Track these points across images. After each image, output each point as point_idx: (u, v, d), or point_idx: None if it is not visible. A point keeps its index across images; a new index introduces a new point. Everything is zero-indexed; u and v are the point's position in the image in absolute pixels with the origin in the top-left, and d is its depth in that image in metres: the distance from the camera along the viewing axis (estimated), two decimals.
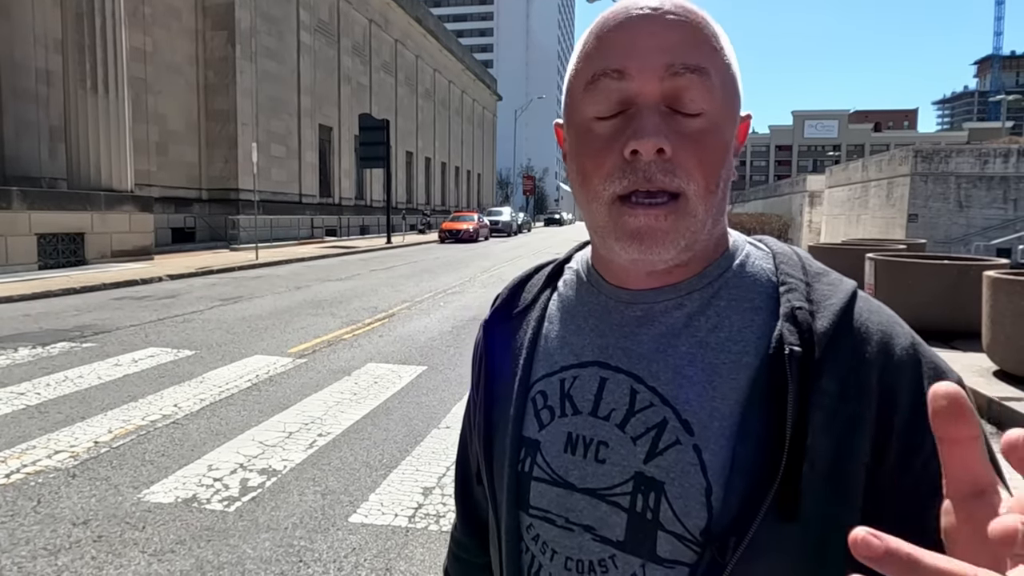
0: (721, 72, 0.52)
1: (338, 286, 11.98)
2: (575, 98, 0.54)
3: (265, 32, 23.75)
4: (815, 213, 23.67)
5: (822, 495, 0.49)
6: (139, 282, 11.57)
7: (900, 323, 0.55)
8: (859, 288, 0.56)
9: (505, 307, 0.68)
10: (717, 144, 0.52)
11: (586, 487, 0.56)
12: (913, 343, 0.53)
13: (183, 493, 3.25)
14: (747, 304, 0.55)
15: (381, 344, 6.92)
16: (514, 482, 0.60)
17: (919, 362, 0.52)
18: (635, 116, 0.50)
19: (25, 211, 12.30)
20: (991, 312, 5.40)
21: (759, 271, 0.57)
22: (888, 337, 0.52)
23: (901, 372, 0.51)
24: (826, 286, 0.55)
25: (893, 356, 0.52)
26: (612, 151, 0.51)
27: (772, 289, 0.55)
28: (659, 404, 0.54)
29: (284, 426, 4.27)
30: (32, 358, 5.95)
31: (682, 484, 0.52)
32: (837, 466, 0.49)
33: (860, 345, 0.52)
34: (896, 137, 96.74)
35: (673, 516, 0.52)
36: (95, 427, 4.16)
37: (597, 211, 0.53)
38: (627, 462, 0.54)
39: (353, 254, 20.29)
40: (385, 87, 36.21)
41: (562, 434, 0.58)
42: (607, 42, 0.52)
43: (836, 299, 0.53)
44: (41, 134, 15.01)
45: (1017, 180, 14.93)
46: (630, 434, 0.54)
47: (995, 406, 4.65)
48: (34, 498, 3.16)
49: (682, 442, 0.52)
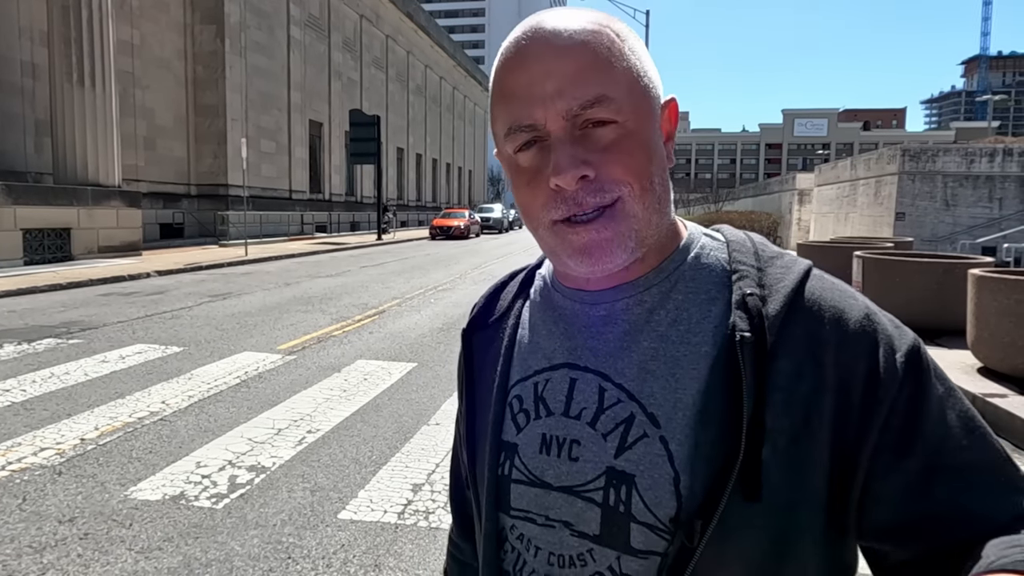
0: (624, 82, 0.54)
1: (328, 282, 11.94)
2: (498, 137, 0.58)
3: (255, 26, 23.56)
4: (804, 211, 23.83)
5: (787, 475, 0.51)
6: (126, 278, 11.47)
7: (854, 296, 0.56)
8: (814, 268, 0.58)
9: (482, 316, 0.71)
10: (636, 146, 0.54)
11: (562, 485, 0.57)
12: (867, 314, 0.54)
13: (171, 490, 3.23)
14: (703, 295, 0.57)
15: (371, 341, 6.90)
16: (494, 485, 0.62)
17: (874, 331, 0.54)
18: (552, 149, 0.53)
19: (10, 206, 12.15)
20: (975, 310, 5.47)
21: (714, 261, 0.59)
22: (840, 312, 0.54)
23: (857, 345, 0.53)
24: (778, 269, 0.56)
25: (847, 331, 0.53)
26: (540, 183, 0.54)
27: (727, 278, 0.57)
28: (626, 400, 0.56)
29: (273, 423, 4.25)
30: (17, 354, 5.89)
31: (651, 476, 0.53)
32: (800, 445, 0.51)
33: (814, 324, 0.53)
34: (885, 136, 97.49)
35: (644, 507, 0.53)
36: (81, 424, 4.13)
37: (544, 236, 0.57)
38: (599, 458, 0.56)
39: (343, 250, 20.21)
40: (376, 83, 36.03)
41: (537, 436, 0.60)
42: (510, 90, 0.55)
43: (787, 282, 0.55)
44: (27, 128, 14.83)
45: (1002, 179, 15.10)
46: (600, 431, 0.56)
47: (979, 403, 4.71)
48: (19, 496, 3.13)
49: (649, 435, 0.54)
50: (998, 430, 4.39)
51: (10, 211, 12.14)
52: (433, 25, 46.21)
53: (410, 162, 42.49)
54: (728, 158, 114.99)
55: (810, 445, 0.51)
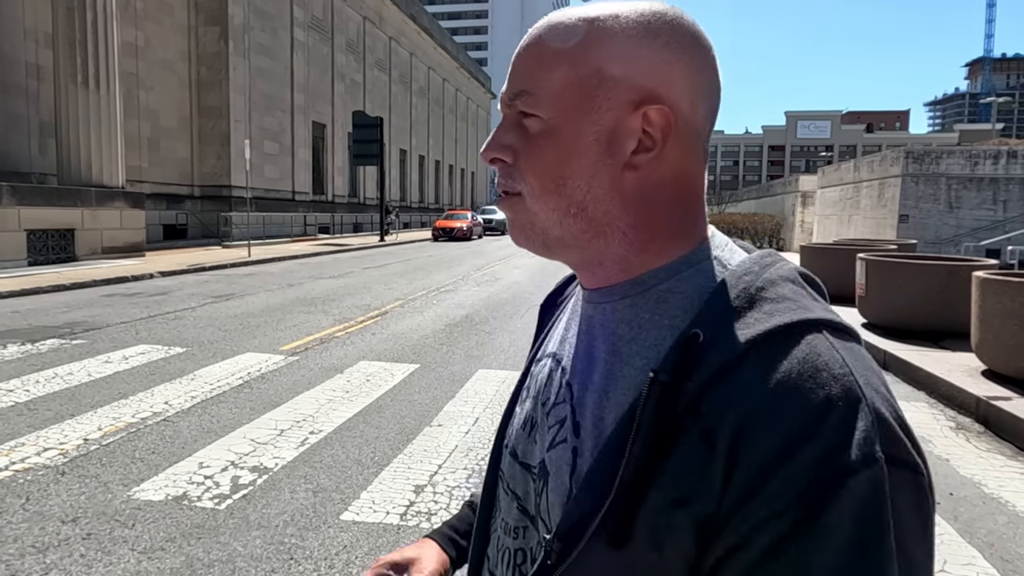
0: (560, 79, 0.52)
1: (331, 284, 11.95)
2: None
3: (258, 28, 23.62)
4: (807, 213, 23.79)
5: (656, 536, 0.46)
6: (130, 279, 11.50)
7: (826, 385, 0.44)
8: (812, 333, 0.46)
9: (554, 294, 0.75)
10: (552, 145, 0.53)
11: (523, 461, 0.62)
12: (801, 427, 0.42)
13: (173, 491, 3.23)
14: (667, 321, 0.52)
15: (374, 342, 6.91)
16: (497, 447, 0.69)
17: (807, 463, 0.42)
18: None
19: (15, 207, 12.19)
20: (979, 312, 5.45)
21: (696, 287, 0.53)
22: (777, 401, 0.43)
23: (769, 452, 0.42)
24: (758, 313, 0.48)
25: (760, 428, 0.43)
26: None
27: (698, 309, 0.51)
28: (566, 401, 0.57)
29: (276, 424, 4.26)
30: (21, 355, 5.90)
31: (556, 481, 0.54)
32: (676, 515, 0.45)
33: (742, 401, 0.44)
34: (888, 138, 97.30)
35: (546, 507, 0.55)
36: (85, 424, 4.14)
37: None
38: (541, 447, 0.59)
39: (346, 252, 20.23)
40: (379, 84, 36.10)
41: (524, 412, 0.65)
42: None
43: (740, 335, 0.46)
44: (31, 129, 14.88)
45: (1007, 182, 15.06)
46: (548, 422, 0.59)
47: (983, 405, 4.69)
48: (22, 496, 3.14)
49: (567, 441, 0.54)
50: (1002, 433, 4.38)
51: (14, 212, 12.18)
52: (436, 27, 46.28)
53: (413, 164, 42.54)
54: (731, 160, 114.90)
55: (684, 521, 0.45)
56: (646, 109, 0.51)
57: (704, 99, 0.54)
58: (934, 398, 5.23)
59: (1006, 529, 3.05)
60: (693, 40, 0.53)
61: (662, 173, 0.53)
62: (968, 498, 3.37)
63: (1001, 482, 3.59)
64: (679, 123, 0.52)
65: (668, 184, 0.54)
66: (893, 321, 7.26)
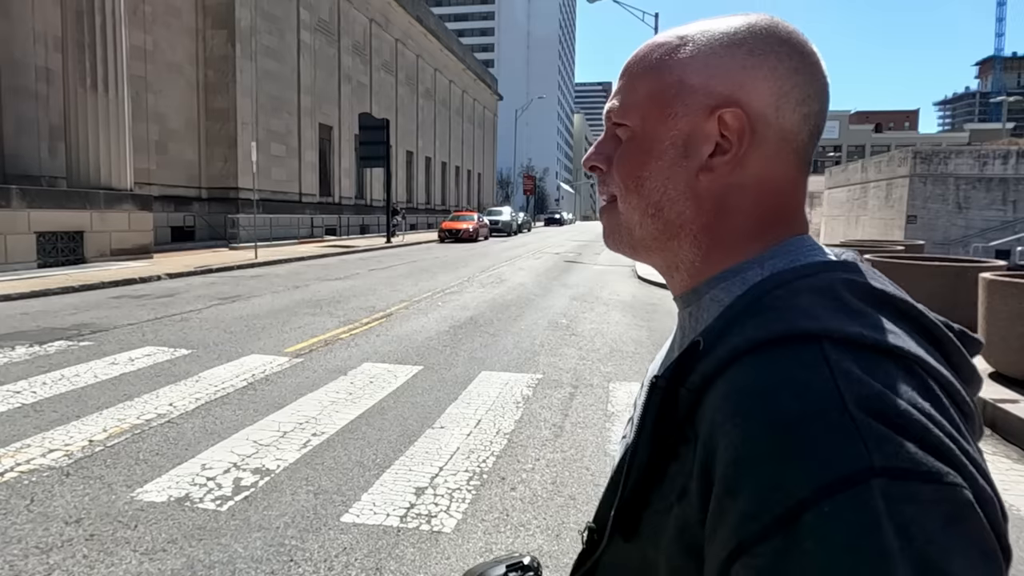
0: (644, 89, 0.57)
1: (336, 285, 11.99)
2: None
3: (265, 31, 23.76)
4: (815, 214, 23.68)
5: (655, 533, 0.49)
6: (138, 281, 11.58)
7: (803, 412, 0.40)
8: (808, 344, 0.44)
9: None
10: (635, 149, 0.57)
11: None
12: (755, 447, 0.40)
13: (176, 492, 3.25)
14: (703, 326, 0.54)
15: (378, 344, 6.92)
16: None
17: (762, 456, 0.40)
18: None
19: (24, 209, 12.31)
20: (987, 314, 5.41)
21: (731, 296, 0.53)
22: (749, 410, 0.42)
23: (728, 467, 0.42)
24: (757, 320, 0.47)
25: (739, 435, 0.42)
26: None
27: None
28: (640, 404, 0.61)
29: (279, 425, 4.28)
30: (29, 356, 5.96)
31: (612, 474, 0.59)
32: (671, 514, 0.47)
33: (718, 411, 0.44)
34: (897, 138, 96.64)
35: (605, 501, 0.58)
36: (90, 426, 4.17)
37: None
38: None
39: (352, 253, 20.30)
40: (385, 86, 36.21)
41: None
42: None
43: (729, 343, 0.46)
44: (41, 132, 15.02)
45: (1016, 182, 14.92)
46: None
47: (989, 408, 4.65)
48: (27, 497, 3.17)
49: (626, 438, 0.60)
50: (1009, 436, 4.34)
51: (24, 214, 12.30)
52: (443, 29, 46.38)
53: (419, 165, 42.63)
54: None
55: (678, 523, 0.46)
56: (721, 112, 0.53)
57: (796, 103, 0.53)
58: None
59: (1010, 534, 3.02)
60: (783, 46, 0.53)
61: (740, 177, 0.54)
62: None
63: (1006, 486, 3.56)
64: (758, 126, 0.53)
65: (748, 189, 0.54)
66: None
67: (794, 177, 0.55)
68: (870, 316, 0.46)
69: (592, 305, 10.20)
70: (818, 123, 0.54)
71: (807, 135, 0.54)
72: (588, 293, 11.70)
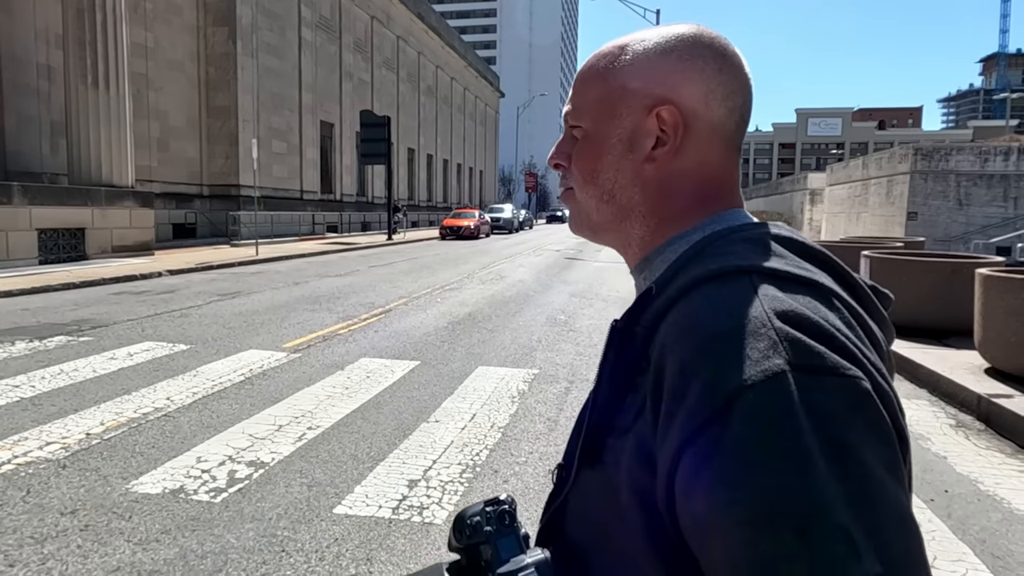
0: (594, 94, 0.65)
1: (336, 282, 12.02)
2: None
3: (266, 28, 23.77)
4: (816, 211, 23.64)
5: (617, 456, 0.55)
6: (138, 277, 11.62)
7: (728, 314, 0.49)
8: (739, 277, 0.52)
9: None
10: (588, 147, 0.66)
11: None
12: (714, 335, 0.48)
13: (171, 484, 3.28)
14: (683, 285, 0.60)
15: (376, 339, 6.95)
16: None
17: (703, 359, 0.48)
18: None
19: (26, 206, 12.35)
20: (982, 309, 5.41)
21: (677, 253, 0.62)
22: (692, 327, 0.50)
23: (681, 364, 0.49)
24: (695, 268, 0.56)
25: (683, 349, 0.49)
26: None
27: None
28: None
29: (275, 419, 4.30)
30: (29, 351, 5.99)
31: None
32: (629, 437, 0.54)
33: (671, 331, 0.52)
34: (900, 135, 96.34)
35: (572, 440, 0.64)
36: (87, 419, 4.20)
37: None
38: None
39: (353, 250, 20.33)
40: (387, 84, 36.20)
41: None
42: None
43: (679, 283, 0.55)
44: (42, 129, 15.06)
45: (1017, 178, 14.88)
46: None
47: (984, 403, 4.66)
48: (23, 488, 3.20)
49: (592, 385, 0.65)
50: (1003, 431, 4.34)
51: (26, 211, 12.34)
52: (444, 26, 46.33)
53: (421, 162, 42.64)
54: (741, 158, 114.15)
55: (633, 443, 0.53)
56: (658, 110, 0.61)
57: (721, 99, 0.61)
58: (935, 396, 5.20)
59: (999, 526, 3.03)
60: (707, 50, 0.62)
61: (679, 164, 0.62)
62: (963, 495, 3.36)
63: (998, 479, 3.57)
64: (691, 120, 0.61)
65: (687, 173, 0.62)
66: (897, 319, 7.13)
67: (725, 161, 0.64)
68: (792, 259, 0.55)
69: (591, 301, 10.21)
70: (743, 114, 0.63)
71: (734, 125, 0.63)
72: (587, 290, 11.71)
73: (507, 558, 0.59)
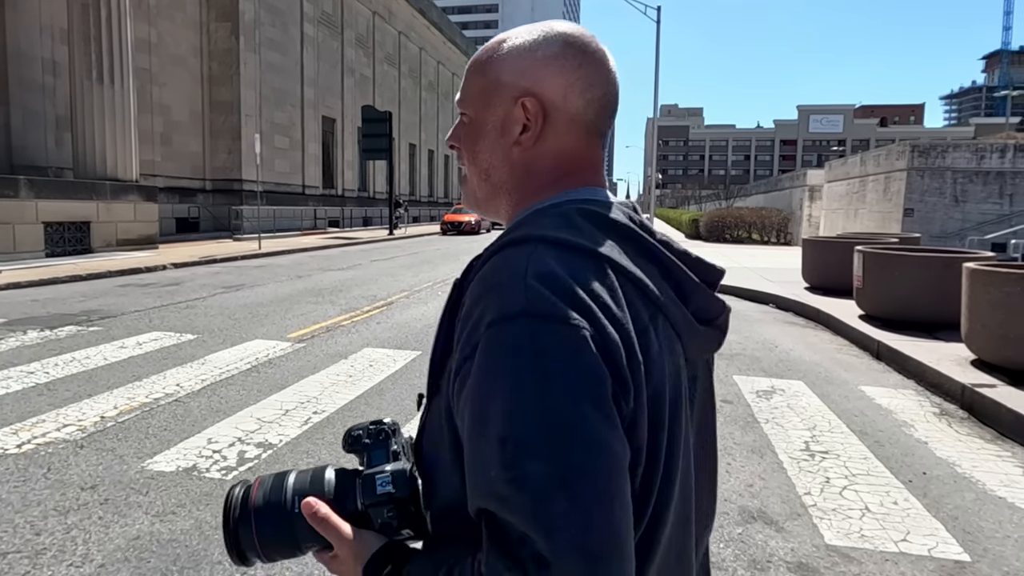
0: (477, 86, 0.74)
1: (339, 275, 12.17)
2: None
3: (269, 24, 23.87)
4: (815, 207, 23.74)
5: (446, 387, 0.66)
6: (144, 270, 11.78)
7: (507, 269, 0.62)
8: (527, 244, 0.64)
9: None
10: (472, 132, 0.75)
11: None
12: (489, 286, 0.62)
13: (184, 463, 3.44)
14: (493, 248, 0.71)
15: (378, 330, 7.10)
16: None
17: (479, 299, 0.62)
18: None
19: (32, 200, 12.51)
20: (969, 302, 5.55)
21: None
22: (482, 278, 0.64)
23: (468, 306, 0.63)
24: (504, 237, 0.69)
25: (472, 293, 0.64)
26: None
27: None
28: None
29: (281, 404, 4.46)
30: (41, 340, 6.16)
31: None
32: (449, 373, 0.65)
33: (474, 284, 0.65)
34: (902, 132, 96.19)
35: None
36: (101, 403, 4.36)
37: None
38: None
39: (355, 245, 20.47)
40: (388, 79, 36.28)
41: None
42: None
43: (490, 248, 0.68)
44: (48, 124, 15.20)
45: (1013, 175, 15.00)
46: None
47: (967, 392, 4.81)
48: (44, 465, 3.36)
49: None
50: (985, 419, 4.49)
51: (32, 205, 12.50)
52: (446, 21, 46.35)
53: (422, 158, 42.72)
54: (742, 154, 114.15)
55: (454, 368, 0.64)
56: (523, 100, 0.71)
57: (580, 92, 0.70)
58: (922, 386, 5.35)
59: (972, 505, 3.18)
60: (570, 48, 0.71)
61: (541, 148, 0.72)
62: (940, 477, 3.51)
63: (975, 463, 3.72)
64: (550, 110, 0.71)
65: (547, 156, 0.72)
66: (890, 313, 7.35)
67: (584, 146, 0.73)
68: (586, 230, 0.65)
69: None
70: (603, 106, 0.72)
71: (593, 115, 0.72)
72: None
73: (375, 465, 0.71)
